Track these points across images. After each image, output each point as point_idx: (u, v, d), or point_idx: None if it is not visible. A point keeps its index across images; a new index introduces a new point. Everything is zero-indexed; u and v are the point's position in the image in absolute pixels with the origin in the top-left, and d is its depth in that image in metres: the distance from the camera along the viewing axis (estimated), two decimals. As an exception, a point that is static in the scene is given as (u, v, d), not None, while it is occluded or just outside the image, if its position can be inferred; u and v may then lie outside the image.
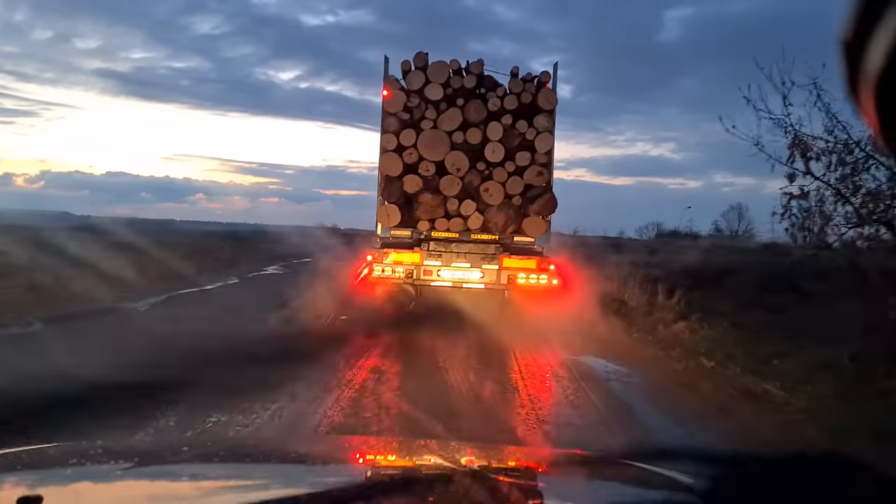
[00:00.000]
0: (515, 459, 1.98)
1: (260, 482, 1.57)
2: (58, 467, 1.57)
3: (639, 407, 5.91)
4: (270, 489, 1.49)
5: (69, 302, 10.21)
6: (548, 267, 9.04)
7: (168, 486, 1.51)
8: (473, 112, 9.08)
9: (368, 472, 1.75)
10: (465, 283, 9.15)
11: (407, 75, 9.28)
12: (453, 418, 4.91)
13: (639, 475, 1.70)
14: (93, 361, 5.87)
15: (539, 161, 9.16)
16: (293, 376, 5.84)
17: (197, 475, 1.60)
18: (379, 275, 9.11)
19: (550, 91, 9.25)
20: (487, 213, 9.14)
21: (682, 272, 15.41)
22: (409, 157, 9.15)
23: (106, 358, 6.18)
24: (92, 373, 5.16)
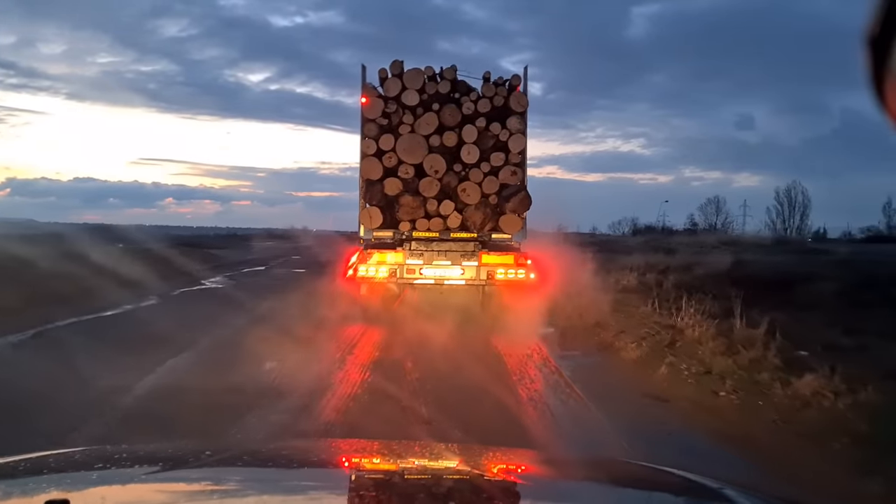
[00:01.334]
0: (504, 462, 1.96)
1: (282, 487, 1.59)
2: (84, 471, 1.60)
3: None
4: (292, 494, 1.53)
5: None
6: (525, 262, 9.51)
7: (191, 490, 1.53)
8: (449, 116, 9.50)
9: (379, 476, 1.73)
10: (447, 280, 9.57)
11: (384, 83, 9.67)
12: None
13: (663, 479, 1.71)
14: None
15: (513, 161, 9.62)
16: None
17: (220, 480, 1.62)
18: (364, 275, 9.49)
19: (521, 94, 9.71)
20: (465, 212, 9.57)
21: (720, 278, 13.21)
22: (388, 161, 9.54)
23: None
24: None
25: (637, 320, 9.33)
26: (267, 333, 7.65)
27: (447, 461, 1.87)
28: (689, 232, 56.00)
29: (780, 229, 61.18)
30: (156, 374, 6.09)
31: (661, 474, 1.79)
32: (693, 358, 6.82)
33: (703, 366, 6.53)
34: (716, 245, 33.86)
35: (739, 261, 18.80)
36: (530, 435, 4.71)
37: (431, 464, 1.82)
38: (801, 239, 51.16)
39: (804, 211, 63.25)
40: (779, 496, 1.85)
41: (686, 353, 7.06)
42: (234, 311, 10.13)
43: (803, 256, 24.08)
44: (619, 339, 8.39)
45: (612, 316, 9.85)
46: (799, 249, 33.28)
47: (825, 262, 18.85)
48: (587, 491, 1.64)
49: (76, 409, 4.88)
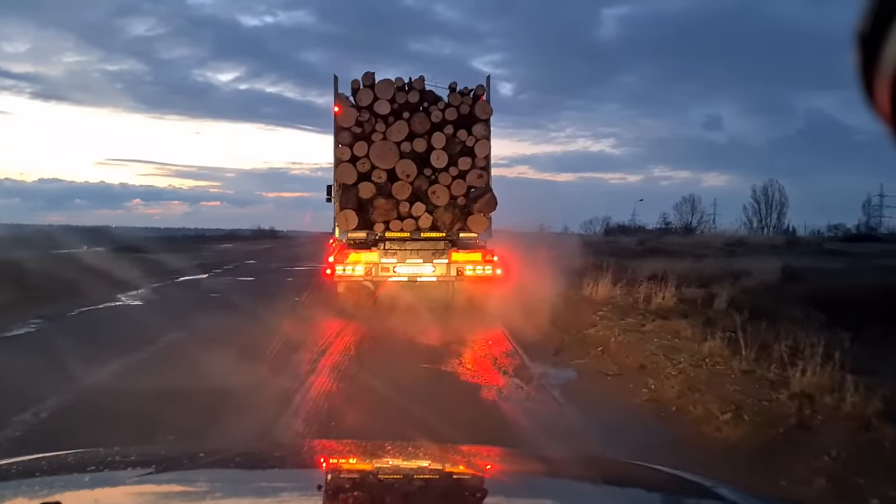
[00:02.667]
0: (489, 461, 1.97)
1: (275, 488, 1.60)
2: (77, 473, 1.60)
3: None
4: (283, 494, 1.55)
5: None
6: (492, 259, 10.23)
7: (185, 492, 1.53)
8: (418, 124, 10.18)
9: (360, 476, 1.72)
10: (419, 277, 10.25)
11: (356, 93, 10.29)
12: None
13: (655, 478, 1.72)
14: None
15: (479, 165, 10.34)
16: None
17: (214, 481, 1.61)
18: (341, 274, 10.11)
19: (485, 102, 10.43)
20: (436, 213, 10.26)
21: (785, 293, 11.13)
22: (362, 167, 10.17)
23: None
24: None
25: (723, 378, 5.62)
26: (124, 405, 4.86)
27: (424, 461, 1.87)
28: (663, 231, 55.37)
29: (756, 227, 61.47)
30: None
31: (653, 472, 1.78)
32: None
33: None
34: (722, 247, 32.36)
35: (789, 268, 15.55)
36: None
37: (408, 464, 1.82)
38: (816, 239, 48.82)
39: (781, 209, 62.84)
40: (772, 495, 1.82)
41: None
42: (118, 348, 7.21)
43: (848, 261, 21.36)
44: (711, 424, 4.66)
45: (672, 366, 6.19)
46: (824, 251, 30.84)
47: (884, 267, 16.36)
48: (577, 489, 1.61)
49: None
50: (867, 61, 0.55)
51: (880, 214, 62.33)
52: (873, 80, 0.55)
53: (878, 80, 0.54)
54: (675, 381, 5.68)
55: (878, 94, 0.55)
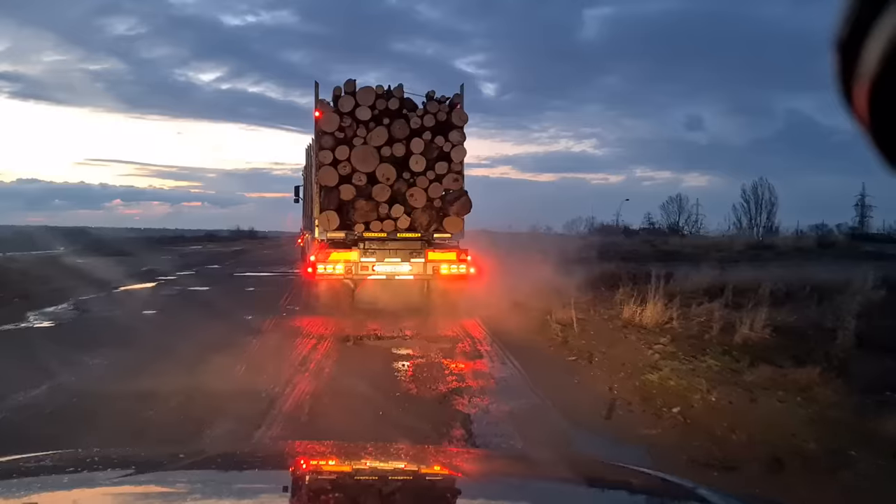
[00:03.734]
0: (470, 463, 1.97)
1: (255, 490, 1.60)
2: (55, 475, 1.59)
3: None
4: (263, 496, 1.54)
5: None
6: (466, 258, 10.79)
7: (164, 493, 1.51)
8: (398, 130, 10.71)
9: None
10: (397, 275, 10.76)
11: (338, 99, 10.79)
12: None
13: (636, 479, 1.73)
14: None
15: (454, 169, 10.90)
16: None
17: (194, 483, 1.60)
18: (322, 272, 10.58)
19: (461, 110, 11.01)
20: (413, 214, 10.79)
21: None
22: (343, 170, 10.67)
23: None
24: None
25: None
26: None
27: (404, 462, 1.87)
28: (657, 232, 54.08)
29: (745, 227, 59.53)
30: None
31: (635, 474, 1.79)
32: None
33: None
34: (743, 250, 30.13)
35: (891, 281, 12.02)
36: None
37: (389, 465, 1.82)
38: (847, 239, 44.81)
39: (771, 209, 61.05)
40: (753, 496, 1.84)
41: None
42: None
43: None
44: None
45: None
46: (865, 255, 26.74)
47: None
48: (558, 490, 1.60)
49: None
50: (846, 67, 0.55)
51: (870, 214, 60.72)
52: (851, 86, 0.55)
53: (857, 85, 0.55)
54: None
55: (856, 99, 0.55)
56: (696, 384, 5.41)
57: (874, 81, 0.53)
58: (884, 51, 0.51)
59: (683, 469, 3.82)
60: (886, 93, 0.53)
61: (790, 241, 37.77)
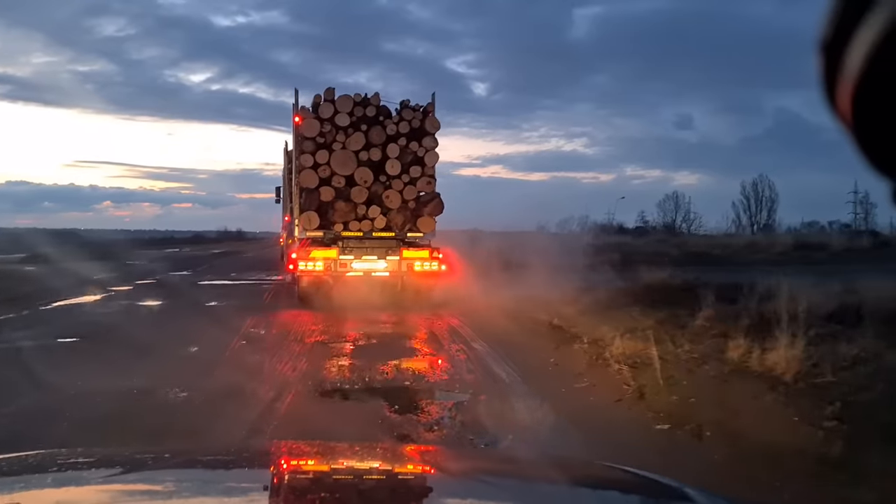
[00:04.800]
0: (454, 462, 1.97)
1: (242, 489, 1.59)
2: (38, 474, 1.58)
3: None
4: (252, 494, 1.53)
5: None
6: (438, 256, 11.53)
7: (150, 493, 1.50)
8: (375, 135, 11.44)
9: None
10: (374, 272, 11.47)
11: (318, 107, 11.50)
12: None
13: (622, 479, 1.70)
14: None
15: (427, 173, 11.65)
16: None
17: (180, 482, 1.59)
18: (303, 269, 11.27)
19: (434, 117, 11.75)
20: (389, 215, 11.51)
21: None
22: (323, 173, 11.38)
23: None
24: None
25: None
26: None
27: (379, 462, 1.88)
28: (641, 231, 53.30)
29: (745, 225, 58.79)
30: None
31: (620, 473, 1.76)
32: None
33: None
34: (785, 251, 26.98)
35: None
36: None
37: (364, 465, 1.82)
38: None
39: (771, 206, 59.61)
40: (739, 497, 1.81)
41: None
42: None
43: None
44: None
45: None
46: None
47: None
48: (544, 490, 1.60)
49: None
50: (830, 68, 0.55)
51: (864, 212, 58.91)
52: (835, 87, 0.55)
53: (840, 86, 0.54)
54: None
55: (839, 100, 0.55)
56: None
57: (858, 83, 0.53)
58: (867, 52, 0.51)
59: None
60: (870, 94, 0.53)
61: (839, 242, 33.61)
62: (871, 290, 8.90)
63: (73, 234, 38.06)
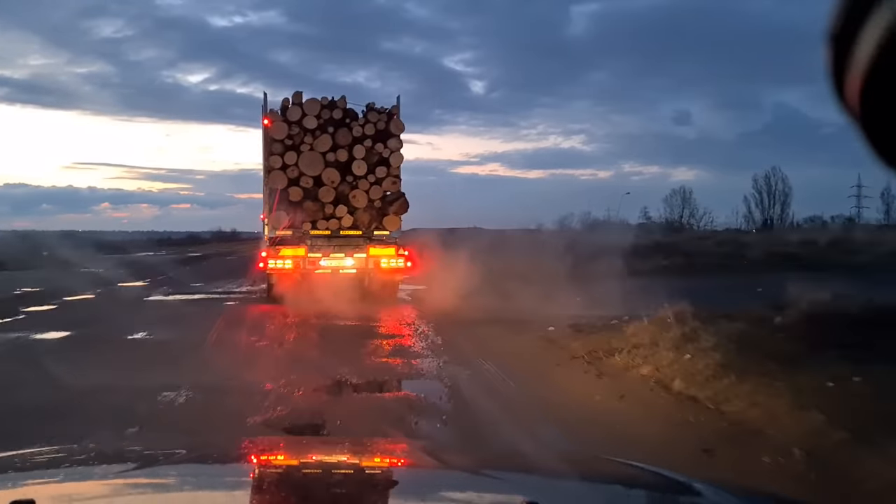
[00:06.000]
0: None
1: (248, 483, 1.59)
2: (50, 470, 1.58)
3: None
4: (263, 491, 1.50)
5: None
6: (403, 253, 11.97)
7: (161, 488, 1.51)
8: (341, 137, 11.87)
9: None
10: (342, 269, 11.90)
11: (287, 110, 11.92)
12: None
13: (629, 474, 1.70)
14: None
15: (393, 173, 12.10)
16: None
17: (190, 477, 1.61)
18: (273, 266, 11.68)
19: (398, 120, 12.20)
20: (356, 214, 11.95)
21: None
22: (291, 174, 11.80)
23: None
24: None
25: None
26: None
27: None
28: (645, 227, 48.63)
29: (759, 220, 55.42)
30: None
31: (628, 468, 1.76)
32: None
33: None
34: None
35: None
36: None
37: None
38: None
39: (785, 199, 55.93)
40: (749, 490, 1.82)
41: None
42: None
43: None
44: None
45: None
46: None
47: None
48: (552, 486, 1.58)
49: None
50: (838, 59, 0.55)
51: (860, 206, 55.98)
52: (844, 79, 0.55)
53: (849, 79, 0.54)
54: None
55: (848, 91, 0.55)
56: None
57: (866, 74, 0.52)
58: (877, 44, 0.50)
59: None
60: (878, 86, 0.52)
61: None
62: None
63: (54, 236, 37.43)
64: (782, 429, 4.05)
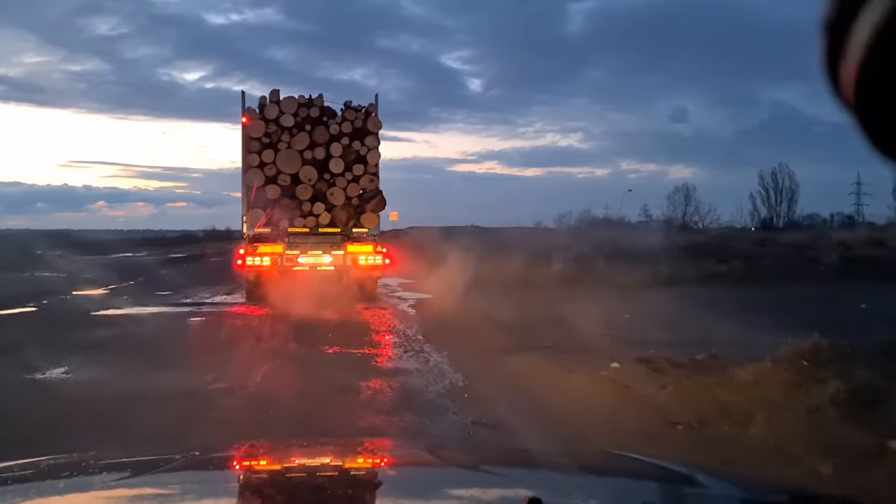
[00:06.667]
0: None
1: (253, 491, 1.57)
2: (51, 480, 1.57)
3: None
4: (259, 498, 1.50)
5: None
6: (381, 250, 12.06)
7: (162, 496, 1.50)
8: (318, 135, 11.94)
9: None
10: (319, 265, 11.97)
11: (264, 108, 11.98)
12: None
13: (630, 466, 1.71)
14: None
15: (370, 171, 12.18)
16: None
17: (191, 484, 1.59)
18: (251, 263, 11.75)
19: (375, 118, 12.28)
20: (333, 211, 12.03)
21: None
22: (269, 171, 11.86)
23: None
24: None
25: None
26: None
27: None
28: (645, 224, 46.91)
29: (765, 218, 53.27)
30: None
31: (629, 461, 1.77)
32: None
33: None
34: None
35: None
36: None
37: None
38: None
39: (792, 196, 53.93)
40: (749, 478, 1.81)
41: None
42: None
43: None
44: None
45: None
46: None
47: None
48: (555, 479, 1.58)
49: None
50: (833, 48, 0.54)
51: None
52: (839, 68, 0.54)
53: (844, 67, 0.53)
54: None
55: (843, 81, 0.54)
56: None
57: (862, 63, 0.52)
58: (872, 32, 0.50)
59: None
60: (874, 75, 0.52)
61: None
62: None
63: (23, 235, 36.29)
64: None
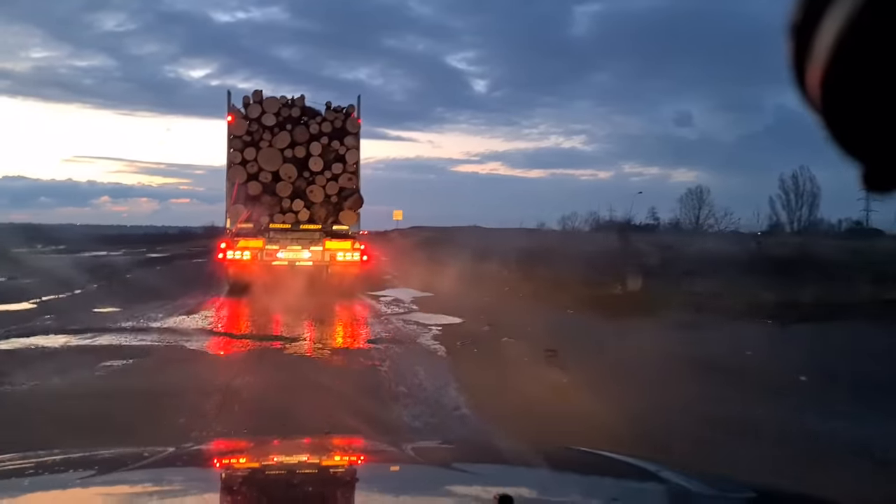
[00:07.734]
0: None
1: (222, 487, 1.55)
2: (15, 478, 1.52)
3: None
4: (231, 494, 1.48)
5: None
6: (359, 247, 12.41)
7: (128, 494, 1.47)
8: (299, 135, 12.31)
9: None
10: (298, 261, 12.33)
11: (247, 107, 12.37)
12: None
13: (596, 462, 1.71)
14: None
15: (349, 170, 12.55)
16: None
17: (159, 482, 1.56)
18: (231, 258, 12.10)
19: (355, 119, 12.65)
20: (312, 208, 12.39)
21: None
22: (251, 169, 12.23)
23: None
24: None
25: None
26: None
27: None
28: (651, 228, 47.97)
29: (784, 222, 51.84)
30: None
31: (597, 458, 1.77)
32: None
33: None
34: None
35: None
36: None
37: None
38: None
39: (813, 201, 52.33)
40: (717, 476, 1.83)
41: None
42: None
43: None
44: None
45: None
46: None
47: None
48: (524, 474, 1.58)
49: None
50: (799, 51, 0.55)
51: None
52: (805, 70, 0.55)
53: (810, 69, 0.54)
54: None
55: (809, 83, 0.55)
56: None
57: (827, 65, 0.53)
58: (836, 35, 0.51)
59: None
60: (838, 77, 0.53)
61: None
62: None
63: (47, 229, 36.97)
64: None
